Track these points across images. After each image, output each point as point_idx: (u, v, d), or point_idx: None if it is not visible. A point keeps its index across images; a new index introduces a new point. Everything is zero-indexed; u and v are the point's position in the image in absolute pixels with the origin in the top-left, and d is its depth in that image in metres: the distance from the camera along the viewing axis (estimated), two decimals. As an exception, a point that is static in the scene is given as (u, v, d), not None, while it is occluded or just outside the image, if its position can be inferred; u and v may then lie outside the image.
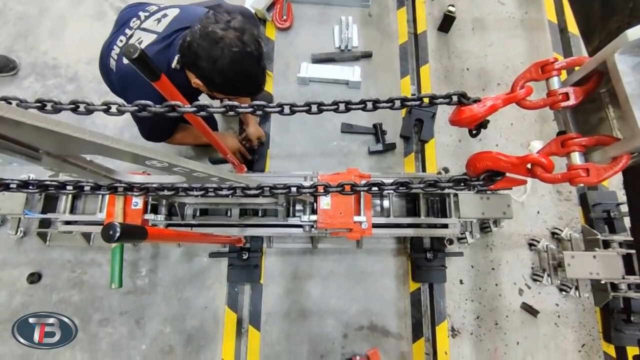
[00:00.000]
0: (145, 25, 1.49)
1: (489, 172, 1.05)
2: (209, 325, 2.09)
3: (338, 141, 2.37)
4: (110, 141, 0.82)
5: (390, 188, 1.08)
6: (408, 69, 2.54)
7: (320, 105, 1.07)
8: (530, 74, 0.96)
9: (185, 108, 1.03)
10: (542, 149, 0.97)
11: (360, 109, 1.07)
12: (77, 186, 1.00)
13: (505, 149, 2.37)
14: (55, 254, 2.18)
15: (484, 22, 2.63)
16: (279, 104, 1.06)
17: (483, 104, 1.00)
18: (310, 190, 1.10)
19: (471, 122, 1.03)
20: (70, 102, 1.02)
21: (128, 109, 1.01)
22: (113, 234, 0.76)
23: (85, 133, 0.77)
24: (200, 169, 1.10)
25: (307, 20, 2.61)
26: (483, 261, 2.19)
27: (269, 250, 2.19)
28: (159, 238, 0.97)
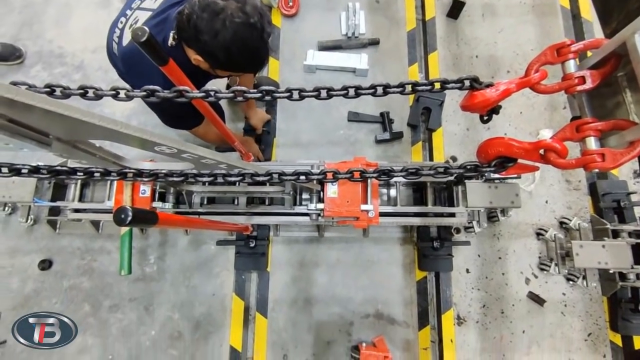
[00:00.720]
0: (144, 4, 1.44)
1: (500, 159, 1.03)
2: (216, 312, 2.12)
3: (345, 130, 2.35)
4: (119, 126, 0.82)
5: (400, 174, 1.07)
6: (416, 57, 2.50)
7: (330, 90, 1.05)
8: (546, 57, 0.94)
9: (193, 93, 1.02)
10: (555, 133, 0.95)
11: (370, 94, 1.06)
12: (87, 172, 1.00)
13: (514, 137, 2.34)
14: (65, 242, 2.21)
15: (494, 7, 2.57)
16: (287, 89, 1.05)
17: (496, 88, 0.98)
18: (319, 177, 1.09)
19: (483, 107, 1.01)
20: (79, 87, 1.02)
21: (137, 94, 1.01)
22: (125, 217, 0.76)
23: (95, 117, 0.76)
24: (209, 156, 1.09)
25: (314, 6, 2.57)
26: (490, 250, 2.19)
27: (275, 239, 2.20)
28: (169, 223, 0.98)
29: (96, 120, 0.77)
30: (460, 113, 2.38)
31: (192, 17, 1.17)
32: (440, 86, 1.03)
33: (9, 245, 2.20)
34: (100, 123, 0.78)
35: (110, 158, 1.18)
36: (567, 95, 0.95)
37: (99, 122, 0.78)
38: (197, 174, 1.08)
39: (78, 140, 0.96)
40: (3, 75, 2.44)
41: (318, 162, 2.10)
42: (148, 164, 1.28)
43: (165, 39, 1.30)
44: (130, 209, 0.77)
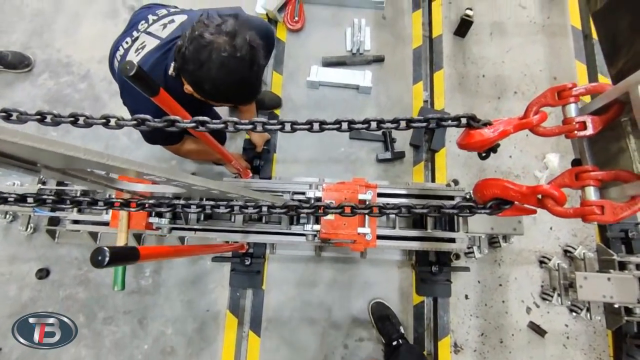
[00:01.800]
0: (151, 29, 1.47)
1: (496, 200, 1.00)
2: (210, 328, 2.10)
3: (346, 147, 2.33)
4: (105, 158, 0.80)
5: (392, 212, 1.04)
6: (421, 75, 2.47)
7: (322, 124, 1.03)
8: (546, 99, 0.90)
9: (184, 123, 1.01)
10: (554, 180, 0.91)
11: (364, 129, 1.03)
12: (73, 201, 0.99)
13: (519, 160, 2.29)
14: (64, 251, 2.22)
15: (503, 26, 2.53)
16: (279, 121, 1.03)
17: (494, 128, 0.95)
18: (309, 211, 1.07)
19: (481, 146, 0.98)
20: (70, 115, 1.01)
21: (127, 123, 1.00)
22: (102, 259, 0.74)
23: (80, 151, 0.75)
24: (199, 183, 1.07)
25: (319, 21, 2.56)
26: (490, 277, 2.13)
27: (272, 256, 2.18)
28: (153, 257, 0.96)
29: (81, 154, 0.76)
30: (465, 134, 2.33)
31: (182, 48, 1.19)
32: (436, 123, 1.00)
33: (8, 252, 2.22)
34: (85, 157, 0.76)
35: (102, 181, 1.17)
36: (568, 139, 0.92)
37: (84, 156, 0.76)
38: (185, 204, 1.06)
39: (67, 167, 0.96)
40: (11, 84, 2.48)
41: (317, 180, 2.08)
42: (142, 186, 1.27)
43: (167, 68, 1.33)
44: (107, 250, 0.75)
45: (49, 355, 2.06)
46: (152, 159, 2.34)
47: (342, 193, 1.82)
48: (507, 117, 0.97)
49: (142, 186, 1.28)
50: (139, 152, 2.36)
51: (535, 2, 2.58)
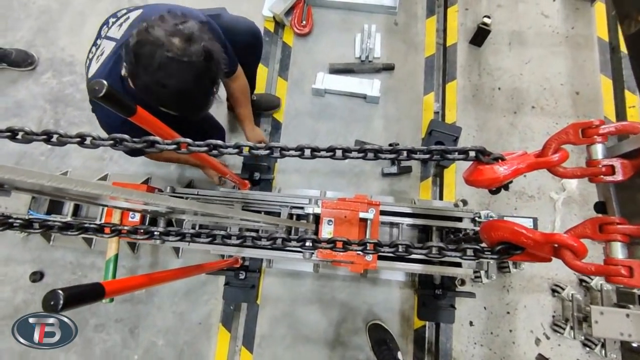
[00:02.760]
0: (110, 32, 1.35)
1: (505, 244, 0.89)
2: (201, 342, 2.04)
3: (350, 159, 2.22)
4: (74, 184, 0.73)
5: (389, 251, 0.94)
6: (433, 85, 2.34)
7: (314, 151, 0.94)
8: (567, 136, 0.79)
9: (164, 145, 0.93)
10: (573, 228, 0.80)
11: (360, 158, 0.93)
12: (43, 225, 0.92)
13: (535, 180, 2.15)
14: (58, 254, 2.19)
15: (523, 36, 2.38)
16: (267, 146, 0.94)
17: (506, 165, 0.84)
18: (297, 245, 0.98)
19: (490, 184, 0.87)
20: (43, 132, 0.94)
21: (103, 143, 0.93)
22: (55, 304, 0.67)
23: (44, 178, 0.67)
24: (180, 206, 1.00)
25: (328, 26, 2.46)
26: (498, 303, 2.01)
27: (268, 270, 2.10)
28: (123, 291, 0.89)
29: (45, 180, 0.69)
30: (477, 149, 2.20)
31: (128, 40, 1.07)
32: (440, 156, 0.89)
33: (3, 253, 2.19)
34: (49, 183, 0.69)
35: (84, 198, 1.11)
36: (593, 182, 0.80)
37: (49, 183, 0.69)
38: (164, 231, 0.98)
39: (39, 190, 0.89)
40: (14, 81, 2.45)
41: (318, 194, 1.99)
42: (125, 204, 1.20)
43: (120, 69, 1.23)
44: (61, 294, 0.67)
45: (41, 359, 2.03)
46: (150, 165, 2.28)
47: (341, 211, 1.73)
48: (524, 133, 0.87)
49: (126, 204, 1.21)
50: (137, 159, 2.31)
51: (559, 11, 2.42)
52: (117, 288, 0.86)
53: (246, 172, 2.13)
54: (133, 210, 1.65)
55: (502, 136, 2.23)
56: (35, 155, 2.35)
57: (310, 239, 0.97)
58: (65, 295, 0.68)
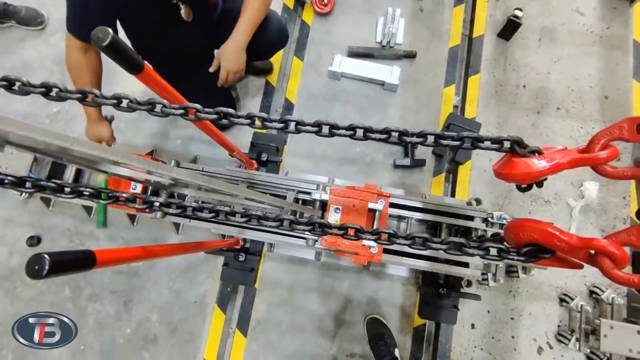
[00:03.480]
0: None
1: (534, 246, 0.81)
2: (195, 321, 2.00)
3: (362, 147, 2.14)
4: (69, 142, 0.66)
5: (405, 242, 0.87)
6: (455, 77, 2.24)
7: (333, 128, 0.86)
8: (621, 131, 0.70)
9: (170, 109, 0.86)
10: (615, 234, 0.73)
11: (382, 141, 0.85)
12: (36, 185, 0.86)
13: (552, 184, 2.06)
14: (57, 220, 2.14)
15: (555, 33, 2.26)
16: (283, 118, 0.87)
17: (545, 159, 0.76)
18: (306, 229, 0.91)
19: (524, 179, 0.79)
20: (41, 85, 0.87)
21: (105, 101, 0.86)
22: (39, 269, 0.61)
23: (37, 132, 0.61)
24: (185, 178, 0.93)
25: (350, 7, 2.35)
26: (502, 308, 1.94)
27: (269, 254, 2.04)
28: (117, 262, 0.83)
29: (38, 135, 0.62)
30: (495, 148, 2.11)
31: None
32: (471, 144, 0.81)
33: (2, 214, 2.16)
34: (42, 138, 0.63)
35: (82, 161, 1.05)
36: None
37: (41, 137, 0.62)
38: (164, 203, 0.92)
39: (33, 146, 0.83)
40: (22, 40, 2.38)
41: (326, 180, 1.92)
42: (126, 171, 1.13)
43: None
44: (47, 259, 0.61)
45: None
46: (157, 135, 2.22)
47: (350, 199, 1.66)
48: (546, 135, 0.79)
49: (127, 171, 1.15)
50: (144, 127, 2.25)
51: (595, 9, 2.29)
52: (110, 258, 0.80)
53: (254, 152, 2.06)
54: (135, 180, 1.58)
55: (523, 136, 2.11)
56: (40, 118, 2.30)
57: (319, 224, 0.90)
58: (52, 260, 0.62)
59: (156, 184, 1.44)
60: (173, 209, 0.92)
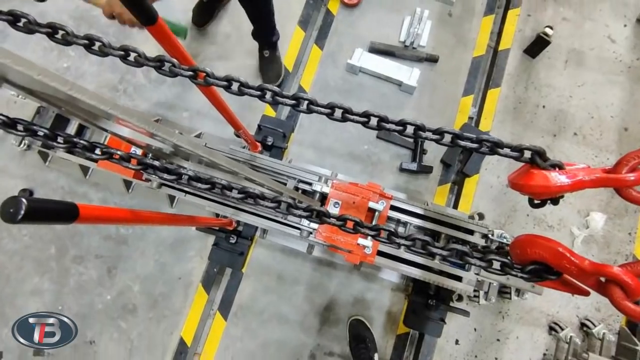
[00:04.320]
0: None
1: (540, 265, 0.77)
2: (177, 297, 1.97)
3: (370, 146, 2.09)
4: (67, 87, 0.62)
5: (405, 243, 0.82)
6: (474, 87, 2.18)
7: (347, 113, 0.81)
8: (653, 155, 0.66)
9: (179, 69, 0.81)
10: (630, 264, 0.68)
11: (397, 132, 0.81)
12: (28, 128, 0.82)
13: (558, 210, 2.01)
14: (52, 176, 2.11)
15: (583, 56, 2.20)
16: (295, 95, 0.82)
17: (568, 175, 0.71)
18: (303, 214, 0.87)
19: (541, 193, 0.74)
20: (47, 25, 0.83)
21: (112, 52, 0.82)
22: (14, 212, 0.57)
23: (35, 70, 0.57)
24: (186, 146, 0.89)
25: (378, 2, 2.29)
26: (489, 328, 1.90)
27: (260, 241, 2.00)
28: (101, 220, 0.79)
29: (34, 73, 0.58)
30: (504, 165, 2.06)
31: None
32: (490, 149, 0.76)
33: (-2, 163, 2.12)
34: (39, 77, 0.58)
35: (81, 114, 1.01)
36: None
37: (38, 76, 0.58)
38: (159, 166, 0.87)
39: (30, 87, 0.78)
40: None
41: (329, 173, 1.88)
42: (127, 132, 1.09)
43: None
44: (24, 203, 0.57)
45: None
46: (165, 105, 2.18)
47: (351, 196, 1.62)
48: (559, 159, 0.73)
49: (128, 132, 1.10)
50: (153, 94, 2.20)
51: (627, 38, 2.22)
52: (94, 215, 0.75)
53: (260, 135, 2.02)
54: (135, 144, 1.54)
55: (535, 157, 2.07)
56: (48, 71, 2.25)
57: (318, 211, 0.86)
58: (29, 205, 0.58)
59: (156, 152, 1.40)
60: (169, 175, 0.87)
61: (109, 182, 1.99)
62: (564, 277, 0.76)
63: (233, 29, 2.26)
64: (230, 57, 2.24)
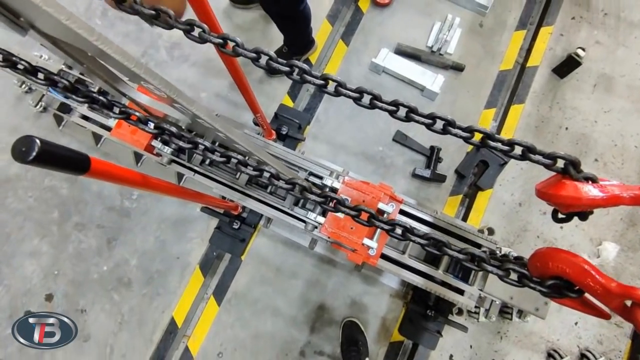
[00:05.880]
0: None
1: (560, 280, 0.73)
2: (173, 276, 1.95)
3: (384, 148, 2.06)
4: (94, 36, 0.60)
5: (420, 242, 0.79)
6: (497, 101, 2.14)
7: (375, 99, 0.78)
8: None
9: (209, 36, 0.79)
10: (662, 289, 0.63)
11: (426, 125, 0.77)
12: (48, 77, 0.80)
13: (570, 235, 1.96)
14: (64, 141, 2.10)
15: (612, 82, 2.14)
16: (324, 75, 0.79)
17: (599, 189, 0.67)
18: (319, 200, 0.84)
19: (570, 205, 0.70)
20: None
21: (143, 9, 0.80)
22: (27, 151, 0.54)
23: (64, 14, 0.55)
24: (203, 116, 0.87)
25: (410, 4, 2.26)
26: (486, 347, 1.85)
27: (264, 230, 1.97)
28: (111, 177, 0.76)
29: (63, 17, 0.56)
30: (519, 183, 2.01)
31: None
32: (522, 153, 0.73)
33: (13, 122, 2.12)
34: (68, 22, 0.56)
35: (102, 74, 0.99)
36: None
37: (67, 21, 0.56)
38: (175, 133, 0.85)
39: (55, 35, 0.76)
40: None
41: (341, 170, 1.84)
42: (146, 98, 1.07)
43: None
44: (37, 143, 0.55)
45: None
46: (184, 84, 2.17)
47: (362, 194, 1.58)
48: None
49: (147, 99, 1.09)
50: (173, 72, 2.19)
51: (661, 68, 2.17)
52: (105, 170, 0.73)
53: (275, 124, 1.99)
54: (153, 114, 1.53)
55: (552, 179, 2.02)
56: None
57: (334, 198, 0.83)
58: (42, 147, 0.56)
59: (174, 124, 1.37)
60: (184, 142, 0.85)
61: (120, 153, 1.97)
62: (585, 296, 0.72)
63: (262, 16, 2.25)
64: (253, 43, 2.22)
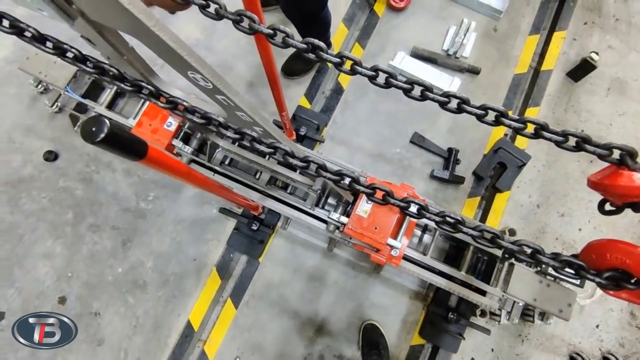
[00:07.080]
0: None
1: (619, 272, 0.72)
2: (189, 278, 1.92)
3: (402, 150, 2.06)
4: (152, 22, 0.60)
5: (435, 219, 0.79)
6: (512, 104, 2.15)
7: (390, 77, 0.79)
8: None
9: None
10: None
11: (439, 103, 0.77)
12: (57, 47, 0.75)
13: (589, 239, 1.94)
14: (79, 142, 2.09)
15: (626, 86, 2.17)
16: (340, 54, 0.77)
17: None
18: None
19: (627, 193, 0.70)
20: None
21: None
22: (97, 132, 0.53)
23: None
24: (246, 109, 0.87)
25: (425, 8, 2.28)
26: (507, 350, 1.83)
27: (282, 231, 1.96)
28: (163, 165, 0.75)
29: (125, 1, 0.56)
30: (537, 185, 2.02)
31: None
32: (576, 144, 0.73)
33: (27, 123, 2.11)
34: (129, 6, 0.57)
35: (139, 66, 0.99)
36: None
37: (128, 5, 0.57)
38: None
39: (105, 27, 0.76)
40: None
41: (360, 171, 1.84)
42: (180, 93, 1.07)
43: None
44: (107, 125, 0.54)
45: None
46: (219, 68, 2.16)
47: (385, 193, 1.57)
48: None
49: (180, 93, 1.09)
50: (211, 59, 2.17)
51: (673, 72, 2.20)
52: (159, 158, 0.72)
53: (294, 124, 1.99)
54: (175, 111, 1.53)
55: (569, 181, 2.03)
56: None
57: (350, 176, 0.82)
58: (111, 129, 0.54)
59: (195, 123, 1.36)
60: (214, 126, 0.83)
61: (137, 153, 1.96)
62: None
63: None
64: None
